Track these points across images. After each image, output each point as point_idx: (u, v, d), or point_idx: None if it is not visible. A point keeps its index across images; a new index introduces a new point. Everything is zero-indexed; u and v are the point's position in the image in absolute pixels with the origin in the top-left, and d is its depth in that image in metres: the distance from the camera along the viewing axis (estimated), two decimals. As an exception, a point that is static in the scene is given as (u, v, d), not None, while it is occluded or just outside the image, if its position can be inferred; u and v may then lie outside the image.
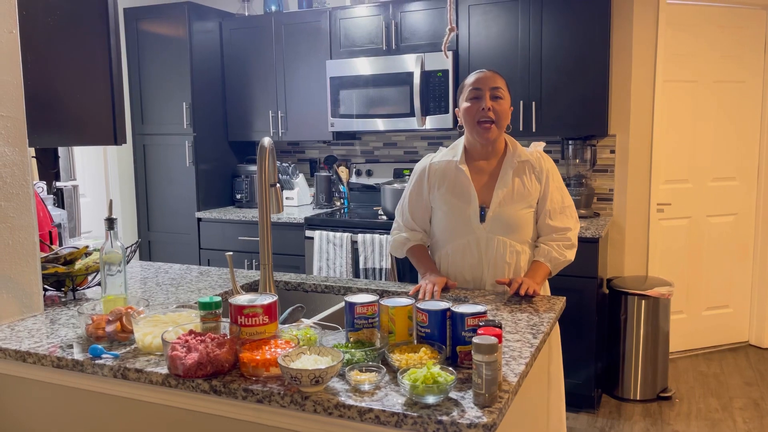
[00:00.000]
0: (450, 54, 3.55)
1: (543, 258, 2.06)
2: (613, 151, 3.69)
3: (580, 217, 3.54)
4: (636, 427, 3.14)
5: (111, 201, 1.79)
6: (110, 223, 1.74)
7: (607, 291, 3.52)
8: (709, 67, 3.86)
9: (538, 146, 2.17)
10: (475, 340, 1.21)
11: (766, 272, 4.07)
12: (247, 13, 4.34)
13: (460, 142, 2.15)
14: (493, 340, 1.21)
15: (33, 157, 2.50)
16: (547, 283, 2.19)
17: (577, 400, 3.29)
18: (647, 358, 3.39)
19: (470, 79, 2.07)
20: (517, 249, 2.06)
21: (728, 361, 3.95)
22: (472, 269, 2.07)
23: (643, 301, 3.36)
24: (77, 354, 1.50)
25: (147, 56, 4.17)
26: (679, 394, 3.49)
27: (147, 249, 4.34)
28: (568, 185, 3.61)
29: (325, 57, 3.95)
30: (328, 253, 3.62)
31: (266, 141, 1.75)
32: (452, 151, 2.14)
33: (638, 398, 3.41)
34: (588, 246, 3.17)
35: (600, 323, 3.32)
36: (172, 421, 1.44)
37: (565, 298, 1.96)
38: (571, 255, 2.09)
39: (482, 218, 2.05)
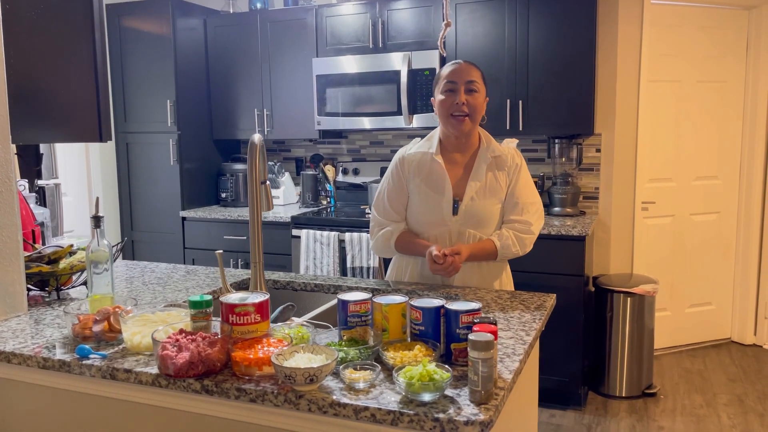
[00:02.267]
0: (445, 50, 3.53)
1: (498, 240, 2.04)
2: (598, 150, 3.72)
3: (566, 215, 3.57)
4: (622, 423, 3.16)
5: (98, 198, 1.76)
6: (97, 221, 1.70)
7: (593, 289, 3.55)
8: (692, 67, 3.91)
9: (511, 142, 2.16)
10: (471, 336, 1.21)
11: (748, 270, 4.13)
12: (232, 10, 4.30)
13: (436, 134, 2.13)
14: (489, 336, 1.20)
15: (15, 154, 2.45)
16: (510, 277, 2.20)
17: (564, 398, 3.31)
18: (632, 355, 3.42)
19: (445, 70, 2.05)
20: None
21: (711, 357, 4.00)
22: None
23: (629, 299, 3.38)
24: (64, 354, 1.47)
25: (130, 53, 4.12)
26: (664, 390, 3.52)
27: (131, 249, 4.29)
28: (554, 183, 3.65)
29: (311, 55, 3.92)
30: (315, 252, 3.60)
31: (256, 138, 1.73)
32: (428, 143, 2.13)
33: (624, 395, 3.44)
34: (574, 244, 3.19)
35: (586, 321, 3.34)
36: (163, 422, 1.41)
37: (555, 295, 1.96)
38: (524, 249, 2.07)
39: (455, 211, 2.05)
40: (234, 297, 1.45)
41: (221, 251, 1.73)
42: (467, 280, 2.07)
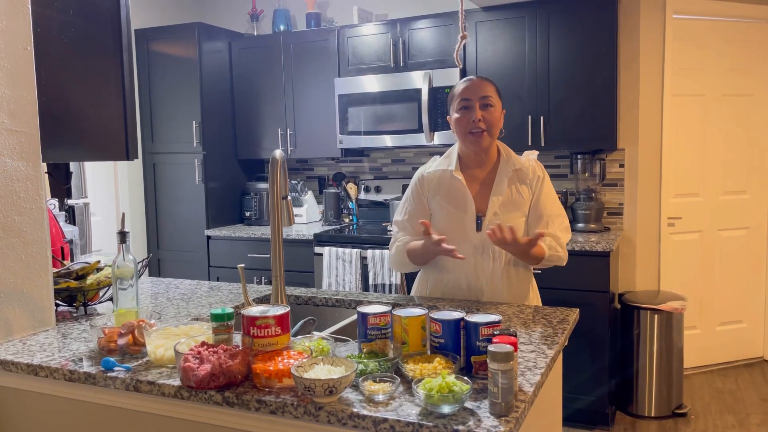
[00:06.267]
0: (461, 62, 3.56)
1: (545, 244, 2.00)
2: (622, 165, 3.68)
3: (589, 231, 3.53)
4: (651, 444, 3.09)
5: (123, 214, 1.80)
6: (122, 236, 1.74)
7: (618, 306, 3.49)
8: (717, 81, 3.86)
9: (532, 154, 2.14)
10: (491, 348, 1.20)
11: (780, 286, 4.03)
12: (256, 33, 4.39)
13: (454, 150, 2.12)
14: (509, 348, 1.19)
15: (46, 172, 2.52)
16: (537, 294, 2.17)
17: (591, 417, 3.25)
18: (661, 373, 3.34)
19: (458, 88, 2.05)
20: (512, 258, 2.04)
21: (744, 377, 3.89)
22: (467, 278, 2.05)
23: (656, 316, 3.32)
24: (89, 367, 1.50)
25: (157, 76, 4.22)
26: (694, 410, 3.43)
27: (157, 267, 4.35)
28: (577, 199, 3.62)
29: (333, 75, 3.98)
30: (338, 270, 3.61)
31: (278, 153, 1.75)
32: (447, 160, 2.12)
33: (653, 415, 3.36)
34: (599, 260, 3.15)
35: (613, 338, 3.29)
36: (184, 435, 1.42)
37: (578, 309, 1.94)
38: (562, 261, 2.06)
39: (479, 227, 2.04)
40: (255, 310, 1.46)
41: (242, 265, 1.75)
42: (496, 297, 2.05)
